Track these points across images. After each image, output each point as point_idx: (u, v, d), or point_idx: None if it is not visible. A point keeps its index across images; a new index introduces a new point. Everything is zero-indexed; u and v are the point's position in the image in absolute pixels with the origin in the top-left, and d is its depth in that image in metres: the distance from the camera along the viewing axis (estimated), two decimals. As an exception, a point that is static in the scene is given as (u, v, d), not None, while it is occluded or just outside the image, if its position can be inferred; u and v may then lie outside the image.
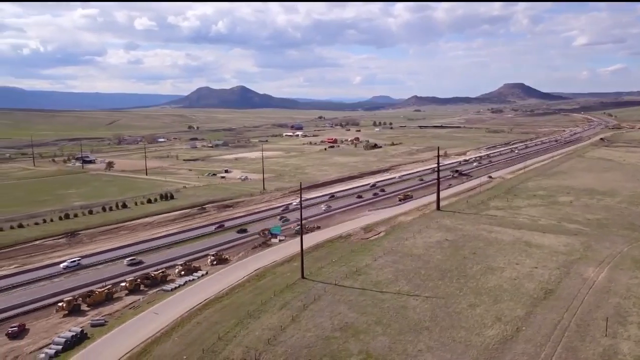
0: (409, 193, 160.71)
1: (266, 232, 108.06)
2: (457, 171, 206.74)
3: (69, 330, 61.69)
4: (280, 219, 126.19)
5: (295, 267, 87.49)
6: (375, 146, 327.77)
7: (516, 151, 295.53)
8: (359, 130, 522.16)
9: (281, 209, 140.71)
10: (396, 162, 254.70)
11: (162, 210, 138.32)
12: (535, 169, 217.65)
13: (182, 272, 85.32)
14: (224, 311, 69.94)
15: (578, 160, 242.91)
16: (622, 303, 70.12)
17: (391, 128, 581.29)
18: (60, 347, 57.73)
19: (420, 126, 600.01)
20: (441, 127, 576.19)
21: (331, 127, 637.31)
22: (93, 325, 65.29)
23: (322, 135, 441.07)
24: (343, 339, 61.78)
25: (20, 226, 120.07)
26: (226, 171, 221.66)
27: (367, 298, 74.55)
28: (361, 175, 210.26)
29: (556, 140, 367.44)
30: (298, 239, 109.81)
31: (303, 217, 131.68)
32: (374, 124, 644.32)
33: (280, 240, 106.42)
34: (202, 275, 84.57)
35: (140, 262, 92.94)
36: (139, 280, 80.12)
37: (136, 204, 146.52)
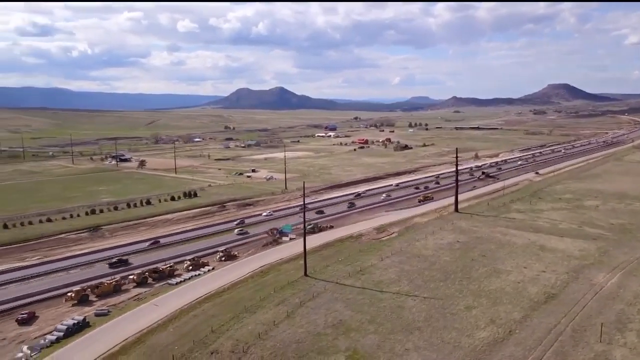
0: (430, 194, 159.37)
1: (274, 231, 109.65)
2: (483, 173, 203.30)
3: (72, 319, 65.04)
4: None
5: (301, 265, 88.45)
6: (405, 147, 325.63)
7: (551, 153, 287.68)
8: (393, 131, 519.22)
9: (299, 208, 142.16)
10: (424, 164, 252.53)
11: (184, 207, 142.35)
12: (568, 171, 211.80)
13: (190, 267, 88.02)
14: (222, 305, 71.93)
15: (614, 164, 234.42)
16: (626, 310, 68.08)
17: (426, 129, 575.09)
18: (61, 333, 61.07)
19: (456, 127, 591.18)
20: (477, 128, 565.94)
21: (366, 127, 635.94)
22: (97, 315, 68.56)
23: (354, 136, 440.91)
24: (333, 336, 62.59)
25: (49, 220, 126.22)
26: (253, 170, 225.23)
27: (365, 297, 75.03)
28: (386, 176, 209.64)
29: (596, 143, 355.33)
30: (309, 237, 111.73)
31: (320, 216, 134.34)
32: (410, 125, 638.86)
33: (290, 239, 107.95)
34: (209, 270, 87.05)
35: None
36: (146, 273, 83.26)
37: (160, 201, 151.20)
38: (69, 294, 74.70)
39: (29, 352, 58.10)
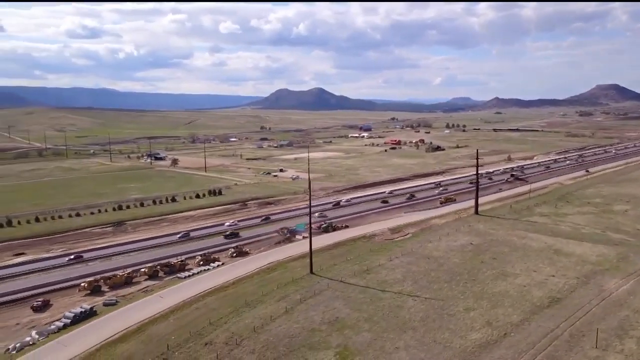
0: (453, 196, 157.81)
1: (285, 230, 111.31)
2: (512, 175, 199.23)
3: (81, 307, 68.63)
4: (319, 217, 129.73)
5: (308, 262, 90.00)
6: (437, 148, 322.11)
7: (588, 156, 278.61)
8: (428, 132, 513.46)
9: (319, 207, 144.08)
10: (454, 165, 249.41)
11: (207, 204, 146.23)
12: (603, 175, 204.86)
13: (201, 262, 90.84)
14: (224, 299, 74.16)
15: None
16: (631, 317, 66.23)
17: (463, 130, 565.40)
18: (69, 320, 64.70)
19: (494, 129, 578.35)
20: (516, 130, 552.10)
21: (401, 128, 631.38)
22: (105, 305, 72.06)
23: (388, 137, 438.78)
24: (327, 332, 63.68)
25: (78, 215, 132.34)
26: (281, 170, 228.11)
27: (366, 296, 75.69)
28: (413, 177, 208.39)
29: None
30: (322, 236, 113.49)
31: (336, 215, 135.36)
32: (447, 126, 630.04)
33: (304, 237, 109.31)
34: (218, 265, 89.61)
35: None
36: (158, 267, 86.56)
37: (185, 198, 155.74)
38: (83, 284, 78.77)
39: (37, 336, 61.89)
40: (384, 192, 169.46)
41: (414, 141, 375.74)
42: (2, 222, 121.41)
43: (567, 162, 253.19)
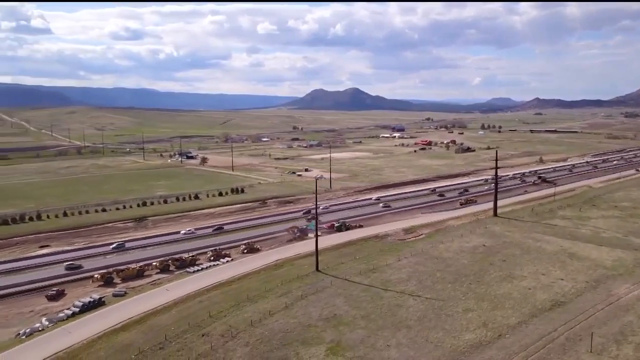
0: (474, 197, 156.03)
1: (295, 229, 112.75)
2: (539, 177, 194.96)
3: (90, 297, 72.07)
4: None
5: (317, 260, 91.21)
6: (467, 150, 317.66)
7: (625, 159, 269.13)
8: (462, 133, 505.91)
9: (336, 206, 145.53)
10: (482, 167, 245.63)
11: (228, 202, 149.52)
12: (637, 179, 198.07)
13: (212, 258, 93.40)
14: (228, 293, 76.26)
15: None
16: (634, 322, 64.68)
17: (499, 132, 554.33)
18: (77, 309, 68.19)
19: (531, 130, 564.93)
20: (554, 131, 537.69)
21: (435, 129, 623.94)
22: (114, 295, 75.40)
23: (419, 137, 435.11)
24: (322, 328, 64.77)
25: (104, 210, 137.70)
26: (306, 170, 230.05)
27: (368, 294, 76.36)
28: (437, 178, 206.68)
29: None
30: (335, 235, 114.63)
31: (352, 215, 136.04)
32: (482, 127, 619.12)
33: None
34: (228, 261, 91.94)
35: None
36: (169, 261, 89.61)
37: (208, 196, 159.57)
38: (96, 275, 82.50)
39: (47, 323, 65.52)
40: (402, 192, 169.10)
41: (445, 142, 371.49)
42: (32, 216, 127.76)
43: (603, 164, 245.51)
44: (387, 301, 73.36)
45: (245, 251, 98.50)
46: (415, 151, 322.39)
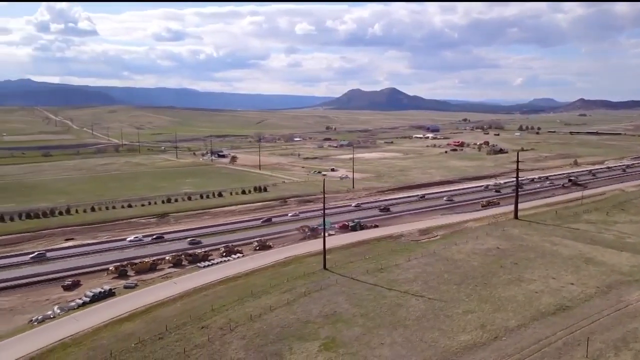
0: (496, 200, 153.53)
1: (305, 228, 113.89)
2: (570, 180, 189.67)
3: (101, 288, 75.43)
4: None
5: (326, 258, 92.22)
6: (500, 151, 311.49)
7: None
8: (498, 134, 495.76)
9: (354, 205, 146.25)
10: (512, 169, 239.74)
11: (250, 200, 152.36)
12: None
13: (224, 253, 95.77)
14: (233, 288, 78.27)
15: None
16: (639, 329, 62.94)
17: (537, 133, 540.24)
18: (88, 299, 71.62)
19: (571, 132, 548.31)
20: (595, 133, 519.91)
21: (471, 130, 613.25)
22: (125, 287, 78.63)
23: (453, 138, 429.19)
24: (320, 325, 65.77)
25: (130, 206, 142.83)
26: (332, 170, 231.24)
27: (371, 293, 76.82)
28: (464, 180, 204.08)
29: None
30: (348, 234, 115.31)
31: (369, 215, 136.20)
32: (519, 128, 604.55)
33: (330, 235, 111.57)
34: (239, 257, 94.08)
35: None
36: (182, 255, 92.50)
37: (231, 194, 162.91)
38: (111, 268, 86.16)
39: (58, 311, 69.12)
40: (426, 193, 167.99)
41: (477, 143, 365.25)
42: (62, 210, 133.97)
43: None
44: (389, 300, 73.67)
45: (257, 248, 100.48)
46: (446, 152, 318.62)
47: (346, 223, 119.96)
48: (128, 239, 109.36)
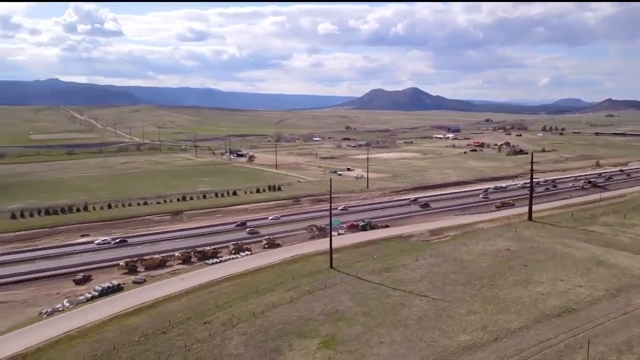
0: (511, 201, 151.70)
1: (313, 227, 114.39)
2: (589, 182, 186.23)
3: (109, 283, 77.27)
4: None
5: (334, 257, 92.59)
6: (520, 152, 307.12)
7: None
8: (520, 135, 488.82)
9: (368, 206, 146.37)
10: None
11: (263, 199, 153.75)
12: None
13: (233, 251, 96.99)
14: (238, 285, 79.28)
15: None
16: (646, 334, 61.77)
17: (561, 134, 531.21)
18: (97, 293, 73.54)
19: (596, 133, 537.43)
20: (622, 134, 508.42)
21: (493, 130, 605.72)
22: (134, 282, 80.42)
23: (473, 139, 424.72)
24: (321, 323, 66.26)
25: (145, 203, 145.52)
26: (348, 169, 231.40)
27: (375, 292, 76.96)
28: (480, 181, 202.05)
29: None
30: (358, 233, 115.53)
31: (384, 215, 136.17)
32: (543, 129, 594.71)
33: (339, 234, 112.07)
34: (247, 255, 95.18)
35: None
36: (191, 252, 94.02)
37: (245, 192, 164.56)
38: (121, 263, 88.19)
39: (68, 304, 71.12)
40: (440, 194, 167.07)
41: (498, 144, 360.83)
42: (80, 207, 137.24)
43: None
44: (392, 300, 73.70)
45: (266, 246, 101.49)
46: (465, 152, 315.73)
47: (355, 223, 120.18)
48: (96, 241, 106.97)
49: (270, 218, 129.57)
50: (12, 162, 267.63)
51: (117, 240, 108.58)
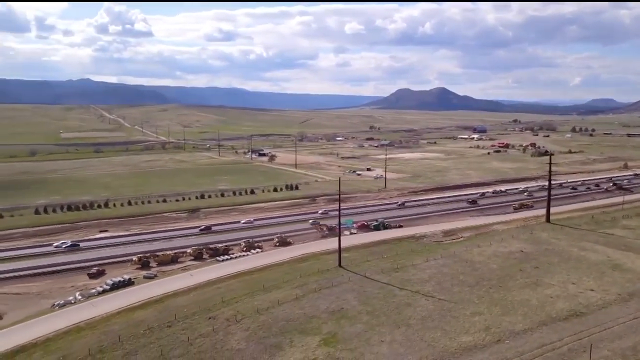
0: (530, 202, 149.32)
1: (323, 227, 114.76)
2: (614, 184, 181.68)
3: (121, 277, 79.37)
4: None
5: (343, 256, 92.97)
6: (545, 153, 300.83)
7: None
8: (547, 136, 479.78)
9: (383, 206, 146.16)
10: (555, 171, 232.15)
11: (280, 198, 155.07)
12: None
13: (244, 248, 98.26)
14: (246, 282, 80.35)
15: None
16: (654, 339, 60.30)
17: (590, 135, 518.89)
18: (108, 287, 75.65)
19: (628, 134, 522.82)
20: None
21: (520, 131, 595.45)
22: (145, 277, 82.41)
23: (499, 139, 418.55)
24: (324, 320, 66.67)
25: (164, 201, 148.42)
26: (368, 169, 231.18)
27: (382, 292, 77.00)
28: (502, 182, 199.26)
29: None
30: (370, 233, 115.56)
31: (399, 215, 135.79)
32: (572, 130, 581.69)
33: (351, 233, 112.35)
34: (258, 252, 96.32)
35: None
36: (203, 249, 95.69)
37: (263, 191, 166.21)
38: (134, 259, 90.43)
39: (80, 297, 73.40)
40: (458, 194, 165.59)
41: (523, 145, 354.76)
42: (101, 204, 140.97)
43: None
44: (398, 299, 73.61)
45: (278, 244, 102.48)
46: (488, 153, 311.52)
47: (365, 222, 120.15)
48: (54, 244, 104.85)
49: (274, 216, 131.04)
50: (41, 160, 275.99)
51: (69, 245, 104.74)
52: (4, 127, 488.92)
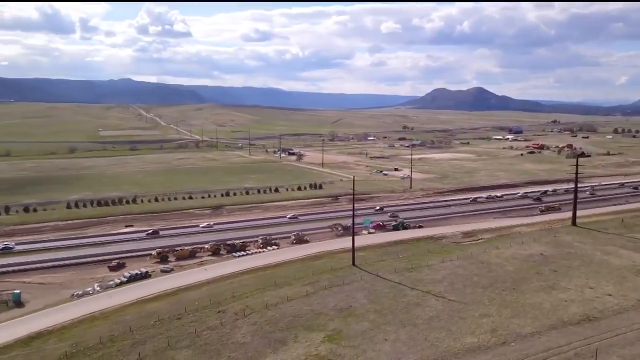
0: (557, 205, 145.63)
1: (338, 226, 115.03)
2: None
3: (138, 270, 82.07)
4: (390, 215, 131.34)
5: (358, 255, 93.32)
6: (582, 155, 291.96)
7: None
8: (587, 137, 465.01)
9: (403, 206, 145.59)
10: (589, 173, 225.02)
11: (303, 196, 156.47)
12: None
13: (261, 245, 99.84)
14: (258, 278, 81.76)
15: None
16: (668, 346, 58.34)
17: (634, 136, 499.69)
18: (125, 279, 78.52)
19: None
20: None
21: (558, 132, 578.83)
22: (162, 271, 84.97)
23: (534, 140, 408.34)
24: (330, 317, 67.32)
25: (190, 198, 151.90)
26: (396, 169, 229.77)
27: (392, 291, 77.05)
28: (532, 183, 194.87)
29: None
30: (388, 233, 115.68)
31: (420, 215, 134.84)
32: (614, 131, 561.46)
33: (368, 232, 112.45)
34: (274, 249, 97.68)
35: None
36: (221, 245, 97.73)
37: (287, 190, 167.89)
38: (154, 253, 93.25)
39: (98, 288, 76.39)
40: (484, 195, 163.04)
41: (559, 146, 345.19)
42: (129, 199, 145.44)
43: None
44: (407, 299, 73.51)
45: (294, 242, 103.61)
46: (522, 154, 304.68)
47: (381, 223, 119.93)
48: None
49: (289, 215, 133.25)
50: (79, 157, 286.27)
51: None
52: (46, 125, 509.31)
